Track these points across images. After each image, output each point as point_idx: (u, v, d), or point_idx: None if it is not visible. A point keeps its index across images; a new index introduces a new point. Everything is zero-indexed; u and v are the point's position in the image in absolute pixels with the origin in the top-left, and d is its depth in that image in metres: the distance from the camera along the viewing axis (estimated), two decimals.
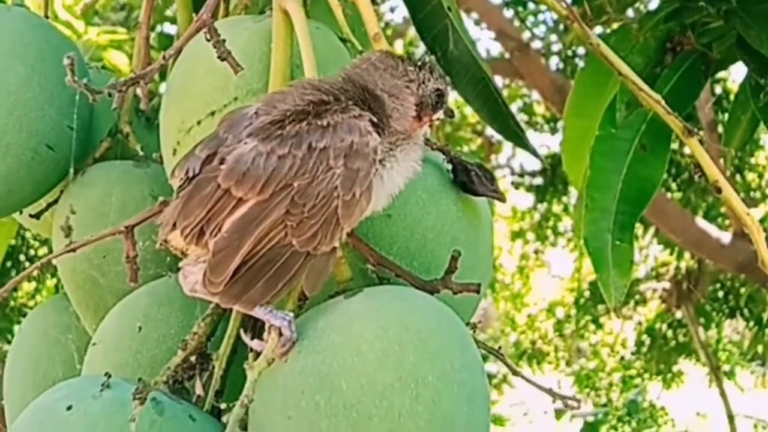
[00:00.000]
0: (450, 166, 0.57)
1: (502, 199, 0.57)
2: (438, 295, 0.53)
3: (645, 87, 0.73)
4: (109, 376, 0.49)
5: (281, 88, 0.53)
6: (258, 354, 0.47)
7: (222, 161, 0.47)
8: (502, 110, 0.78)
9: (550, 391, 0.55)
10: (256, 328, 0.54)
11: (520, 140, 0.79)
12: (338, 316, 0.48)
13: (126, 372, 0.60)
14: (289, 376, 0.46)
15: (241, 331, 0.50)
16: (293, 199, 0.46)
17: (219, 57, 0.53)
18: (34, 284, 3.02)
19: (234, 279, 0.46)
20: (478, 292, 0.54)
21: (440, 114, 0.52)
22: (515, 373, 0.56)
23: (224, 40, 0.53)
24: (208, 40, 0.53)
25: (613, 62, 0.74)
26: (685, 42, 0.96)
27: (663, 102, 0.72)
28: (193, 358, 0.52)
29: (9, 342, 2.15)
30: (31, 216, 0.73)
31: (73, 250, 0.53)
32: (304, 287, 0.48)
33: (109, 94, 0.47)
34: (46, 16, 0.77)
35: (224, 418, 0.47)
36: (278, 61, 0.58)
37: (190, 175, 0.48)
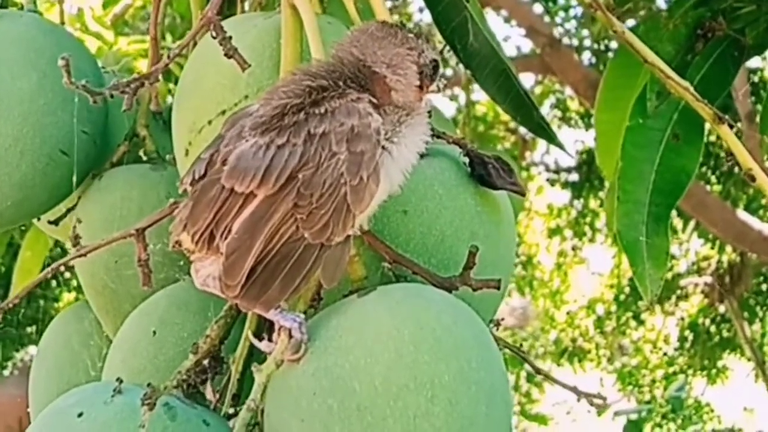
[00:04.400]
0: (467, 160, 0.56)
1: (522, 192, 0.55)
2: (457, 292, 0.51)
3: (673, 74, 0.71)
4: (121, 382, 0.48)
5: (280, 82, 0.52)
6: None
7: (224, 162, 0.46)
8: (525, 102, 0.76)
9: (574, 389, 0.53)
10: (272, 329, 0.52)
11: (544, 132, 0.77)
12: (351, 315, 0.46)
13: (143, 377, 0.59)
14: (302, 377, 0.45)
15: (250, 333, 0.49)
16: (299, 190, 0.44)
17: (225, 54, 0.52)
18: (74, 294, 3.04)
19: (250, 280, 0.45)
20: (498, 288, 0.52)
21: (435, 86, 0.50)
22: (537, 371, 0.54)
23: (230, 37, 0.52)
24: (214, 38, 0.51)
25: (639, 50, 0.72)
26: (717, 28, 0.93)
27: (692, 89, 0.70)
28: (205, 362, 0.51)
29: None
30: (49, 222, 0.73)
31: (84, 254, 0.52)
32: (321, 280, 0.46)
33: (111, 96, 0.46)
34: (62, 23, 0.77)
35: (230, 423, 0.46)
36: (288, 57, 0.57)
37: (196, 177, 0.47)
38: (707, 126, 0.84)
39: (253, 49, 0.57)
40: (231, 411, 0.52)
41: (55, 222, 0.72)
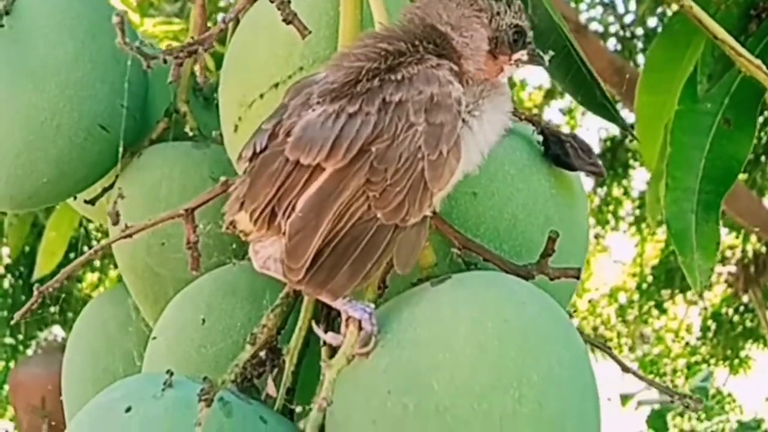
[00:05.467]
0: (541, 138, 0.51)
1: (602, 174, 0.51)
2: (532, 281, 0.47)
3: (744, 52, 0.68)
4: (171, 374, 0.44)
5: (347, 48, 0.48)
6: (333, 349, 0.42)
7: (288, 133, 0.41)
8: (586, 80, 0.71)
9: (667, 389, 0.49)
10: (330, 318, 0.48)
11: (607, 112, 0.73)
12: (425, 306, 0.42)
13: (189, 368, 0.55)
14: (372, 374, 0.41)
15: (313, 323, 0.45)
16: (372, 164, 0.40)
17: (284, 20, 0.47)
18: (97, 275, 3.02)
19: (316, 264, 0.41)
20: (578, 277, 0.47)
21: (521, 55, 0.45)
22: (625, 369, 0.50)
23: (289, 1, 0.48)
24: (272, 1, 0.47)
25: (708, 26, 0.68)
26: None
27: (764, 67, 0.66)
28: (262, 354, 0.47)
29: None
30: (85, 202, 0.69)
31: (130, 235, 0.48)
32: (395, 265, 0.42)
33: (164, 60, 0.42)
34: None
35: (300, 424, 0.42)
36: (347, 26, 0.52)
37: (257, 150, 0.43)
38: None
39: (309, 17, 0.53)
40: (285, 405, 0.49)
41: (92, 201, 0.68)
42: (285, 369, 0.49)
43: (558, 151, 0.51)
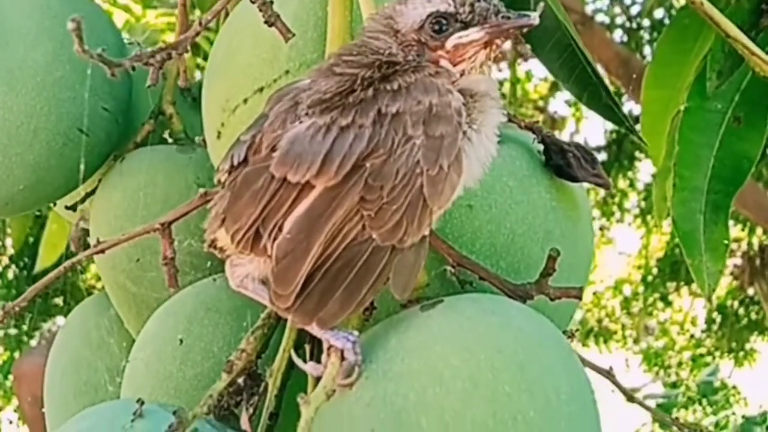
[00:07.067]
0: (542, 147, 0.48)
1: (607, 186, 0.48)
2: (530, 301, 0.44)
3: (759, 51, 0.65)
4: (142, 403, 0.41)
5: (334, 54, 0.44)
6: (317, 381, 0.39)
7: (273, 147, 0.38)
8: (591, 80, 0.68)
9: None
10: (316, 339, 0.45)
11: (614, 114, 0.69)
12: (414, 333, 0.39)
13: (169, 385, 0.53)
14: (355, 407, 0.38)
15: (293, 353, 0.42)
16: (367, 181, 0.37)
17: (266, 22, 0.45)
18: None
19: (306, 290, 0.37)
20: (580, 297, 0.44)
21: (451, 42, 0.40)
22: (630, 398, 0.47)
23: (272, 2, 0.45)
24: (253, 1, 0.44)
25: (719, 23, 0.65)
26: None
27: None
28: (240, 380, 0.44)
29: None
30: (66, 208, 0.66)
31: (102, 251, 0.45)
32: (393, 290, 0.38)
33: (133, 68, 0.39)
34: None
35: None
36: (336, 27, 0.49)
37: (236, 163, 0.40)
38: None
39: (296, 18, 0.50)
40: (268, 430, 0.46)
41: (73, 207, 0.66)
42: (268, 392, 0.46)
43: (560, 162, 0.48)
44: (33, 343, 3.13)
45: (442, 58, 0.40)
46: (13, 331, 3.13)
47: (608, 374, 0.46)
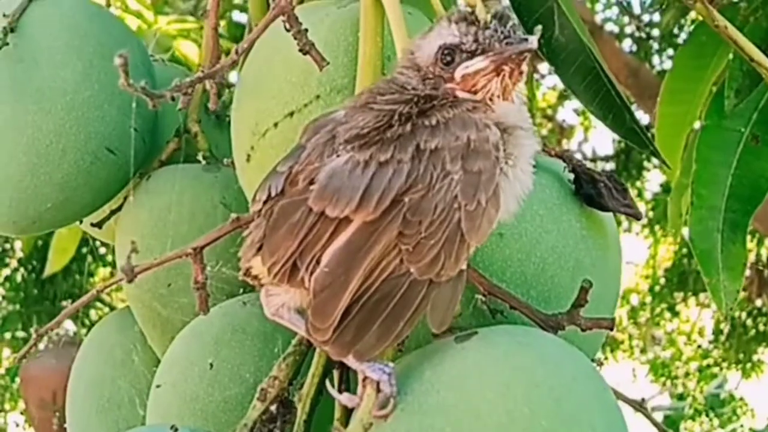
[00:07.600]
0: (572, 176, 0.48)
1: (638, 216, 0.48)
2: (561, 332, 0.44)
3: None
4: (176, 430, 0.41)
5: (372, 85, 0.45)
6: (347, 410, 0.39)
7: (311, 181, 0.38)
8: (616, 103, 0.68)
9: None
10: (345, 367, 0.46)
11: (638, 138, 0.69)
12: (449, 366, 0.39)
13: (196, 406, 0.53)
14: None
15: (328, 383, 0.42)
16: (405, 216, 0.37)
17: (301, 50, 0.45)
18: (109, 269, 3.01)
19: (343, 323, 0.37)
20: (611, 328, 0.44)
21: (466, 71, 0.40)
22: (657, 426, 0.47)
23: (306, 30, 0.45)
24: (288, 30, 0.44)
25: (743, 47, 0.65)
26: None
27: None
28: (273, 408, 0.44)
29: (84, 325, 2.14)
30: (92, 225, 0.66)
31: (131, 279, 0.46)
32: (430, 324, 0.38)
33: (173, 98, 0.39)
34: (108, 5, 0.71)
35: None
36: (367, 52, 0.49)
37: (273, 194, 0.40)
38: None
39: (327, 43, 0.50)
40: None
41: (99, 224, 0.66)
42: (297, 418, 0.46)
43: (590, 191, 0.48)
44: (41, 346, 3.12)
45: (456, 89, 0.40)
46: (21, 334, 3.14)
47: (640, 407, 0.46)
